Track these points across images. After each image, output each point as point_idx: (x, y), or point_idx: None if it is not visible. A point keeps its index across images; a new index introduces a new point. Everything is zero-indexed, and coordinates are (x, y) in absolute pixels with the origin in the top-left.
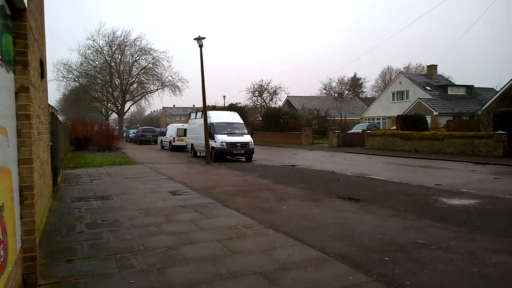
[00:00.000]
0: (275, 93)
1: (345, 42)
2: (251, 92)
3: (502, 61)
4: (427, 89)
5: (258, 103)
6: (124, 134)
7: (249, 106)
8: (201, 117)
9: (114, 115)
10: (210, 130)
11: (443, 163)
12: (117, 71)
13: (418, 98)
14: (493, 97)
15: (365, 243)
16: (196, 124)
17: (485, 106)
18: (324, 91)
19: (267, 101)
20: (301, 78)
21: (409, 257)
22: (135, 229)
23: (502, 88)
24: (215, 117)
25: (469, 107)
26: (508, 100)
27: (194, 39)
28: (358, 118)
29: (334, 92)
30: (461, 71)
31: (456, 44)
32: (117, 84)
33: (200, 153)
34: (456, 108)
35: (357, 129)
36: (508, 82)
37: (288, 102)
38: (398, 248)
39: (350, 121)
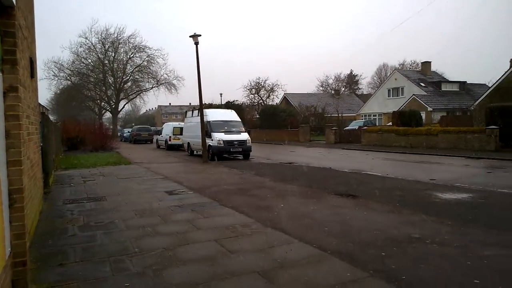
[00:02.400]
0: (272, 90)
1: (341, 39)
2: (248, 89)
3: (494, 58)
4: (421, 86)
5: (255, 101)
6: (119, 134)
7: (246, 104)
8: (198, 115)
9: (108, 114)
10: (207, 129)
11: (438, 158)
12: (110, 69)
13: (413, 94)
14: (485, 92)
15: (362, 239)
16: (192, 122)
17: (477, 102)
18: (321, 88)
19: (264, 98)
20: (298, 75)
21: (405, 252)
22: (130, 231)
23: (494, 84)
24: (212, 115)
25: (462, 103)
26: (500, 96)
27: (190, 36)
28: (354, 114)
29: (331, 89)
30: (454, 68)
31: (450, 41)
32: (111, 82)
33: (197, 152)
34: (450, 104)
35: (353, 125)
36: (500, 78)
37: (285, 99)
38: (394, 243)
39: (347, 117)
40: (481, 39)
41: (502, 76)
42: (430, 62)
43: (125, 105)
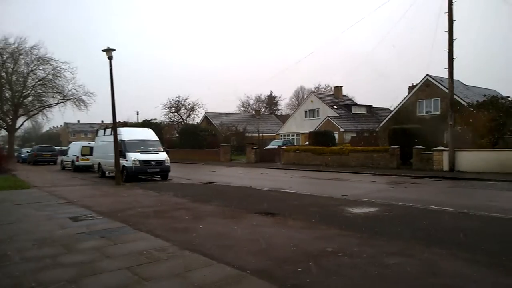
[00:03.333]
0: (192, 109)
1: (262, 60)
2: (167, 108)
3: (396, 84)
4: (334, 108)
5: (175, 120)
6: (16, 154)
7: (165, 123)
8: (111, 134)
9: (3, 132)
10: (121, 148)
11: (349, 175)
12: (8, 82)
13: (327, 116)
14: (387, 116)
15: (280, 256)
16: (104, 141)
17: (381, 124)
18: (242, 108)
19: (184, 117)
20: (219, 95)
21: (320, 266)
22: (27, 263)
23: (395, 108)
24: (126, 134)
25: (369, 125)
26: (400, 119)
27: (103, 50)
28: (274, 134)
29: (252, 109)
30: (362, 92)
31: (359, 67)
32: (8, 96)
33: (109, 173)
34: (359, 125)
35: (273, 145)
36: (400, 103)
37: (206, 118)
38: (310, 258)
39: (267, 137)
40: (385, 65)
41: (402, 101)
42: (341, 86)
43: (24, 122)
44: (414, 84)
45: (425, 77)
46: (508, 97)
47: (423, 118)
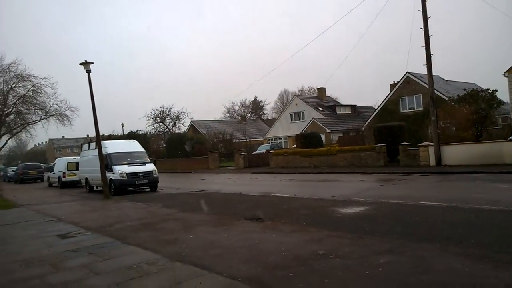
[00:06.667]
0: (178, 118)
1: (244, 66)
2: (152, 118)
3: (378, 83)
4: (319, 110)
5: (161, 130)
6: (1, 173)
7: (151, 133)
8: (95, 148)
9: None
10: (107, 162)
11: (338, 176)
12: None
13: (313, 118)
14: (372, 114)
15: (271, 262)
16: (90, 156)
17: (366, 123)
18: (227, 115)
19: (170, 127)
20: (203, 102)
21: (311, 270)
22: (13, 285)
23: (378, 107)
24: (111, 146)
25: (355, 124)
26: (384, 117)
27: (80, 64)
28: (262, 139)
29: (238, 115)
30: (347, 92)
31: (340, 68)
32: None
33: (97, 188)
34: (345, 125)
35: (261, 149)
36: (383, 102)
37: (192, 127)
38: (301, 262)
39: (255, 142)
40: (364, 64)
41: (384, 99)
42: (324, 88)
43: (8, 140)
44: (396, 82)
45: (405, 74)
46: (488, 89)
47: (407, 115)
